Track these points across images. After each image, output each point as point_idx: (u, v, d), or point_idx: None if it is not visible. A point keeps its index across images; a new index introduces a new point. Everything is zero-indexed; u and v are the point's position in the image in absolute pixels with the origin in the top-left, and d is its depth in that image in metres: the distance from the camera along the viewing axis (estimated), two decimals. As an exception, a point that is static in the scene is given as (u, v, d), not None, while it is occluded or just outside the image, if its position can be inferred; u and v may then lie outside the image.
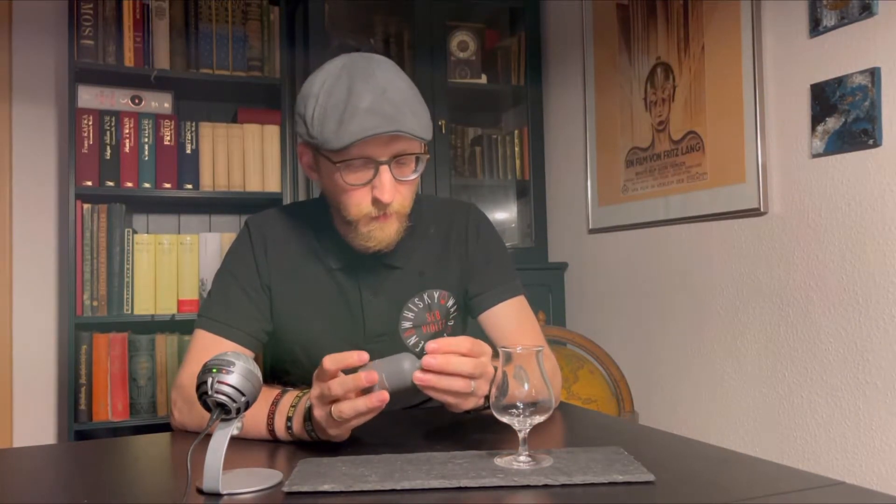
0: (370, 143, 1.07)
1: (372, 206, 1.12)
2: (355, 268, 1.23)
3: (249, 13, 2.43)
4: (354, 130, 1.05)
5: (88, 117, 2.22)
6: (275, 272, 1.23)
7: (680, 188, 2.05)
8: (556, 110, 2.66)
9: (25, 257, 2.40)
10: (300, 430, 0.97)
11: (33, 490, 0.87)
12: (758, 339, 1.82)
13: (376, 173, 1.09)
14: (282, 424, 0.99)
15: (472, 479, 0.77)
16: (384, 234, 1.15)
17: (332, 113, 1.07)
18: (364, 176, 1.10)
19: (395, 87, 1.10)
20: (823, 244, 1.66)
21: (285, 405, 1.00)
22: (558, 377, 1.28)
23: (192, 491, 0.78)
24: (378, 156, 1.09)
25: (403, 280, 1.24)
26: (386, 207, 1.12)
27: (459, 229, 1.30)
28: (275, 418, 1.00)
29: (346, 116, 1.06)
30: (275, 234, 1.26)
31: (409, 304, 1.23)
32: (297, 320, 1.24)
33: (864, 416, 1.57)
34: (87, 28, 2.24)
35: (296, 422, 0.98)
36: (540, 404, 0.84)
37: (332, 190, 1.15)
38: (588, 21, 2.44)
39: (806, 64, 1.69)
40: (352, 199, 1.12)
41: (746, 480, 0.80)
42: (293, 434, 0.99)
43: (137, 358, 2.24)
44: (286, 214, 1.29)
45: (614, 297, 2.34)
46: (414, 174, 1.14)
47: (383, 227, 1.14)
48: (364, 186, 1.11)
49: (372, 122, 1.05)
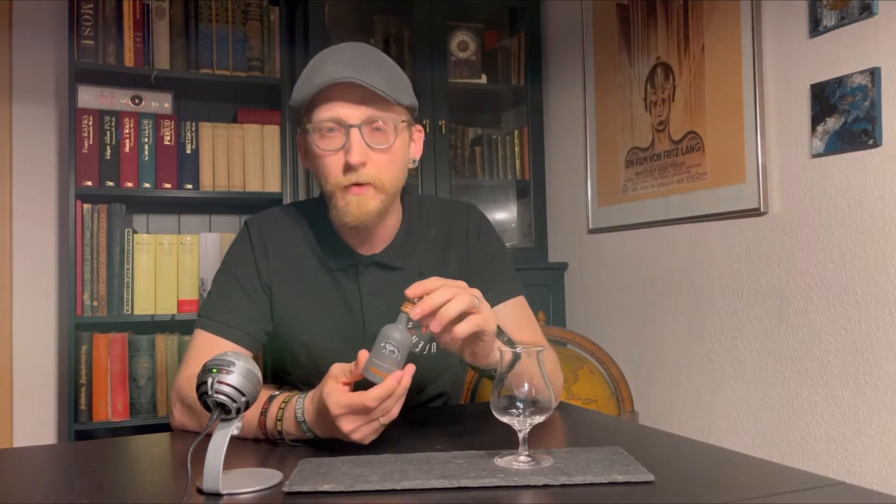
0: (339, 104, 1.09)
1: (345, 176, 1.11)
2: (355, 269, 1.22)
3: (249, 13, 2.43)
4: (318, 81, 1.08)
5: (88, 117, 2.22)
6: (275, 272, 1.23)
7: (680, 188, 2.05)
8: (556, 110, 2.66)
9: (25, 257, 2.40)
10: (296, 431, 0.98)
11: (33, 490, 0.87)
12: (758, 339, 1.82)
13: (347, 137, 1.09)
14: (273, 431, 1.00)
15: (472, 479, 0.77)
16: (361, 209, 1.12)
17: (305, 75, 1.13)
18: (336, 141, 1.10)
19: (366, 51, 1.14)
20: (823, 244, 1.66)
21: (273, 415, 1.00)
22: (559, 375, 1.28)
23: (192, 491, 0.78)
24: (348, 118, 1.09)
25: (403, 281, 1.23)
26: (358, 173, 1.10)
27: (460, 230, 1.29)
28: (266, 427, 1.00)
29: (314, 73, 1.11)
30: (275, 234, 1.26)
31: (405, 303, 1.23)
32: (298, 321, 1.23)
33: (864, 416, 1.57)
34: (87, 28, 2.24)
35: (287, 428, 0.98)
36: (540, 404, 0.84)
37: (313, 163, 1.16)
38: (588, 21, 2.44)
39: (806, 64, 1.69)
40: (327, 167, 1.12)
41: (746, 480, 0.80)
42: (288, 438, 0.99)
43: (137, 358, 2.24)
44: (286, 214, 1.29)
45: (614, 297, 2.34)
46: (388, 144, 1.12)
47: (360, 201, 1.12)
48: (337, 153, 1.11)
49: (336, 71, 1.07)
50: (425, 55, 2.52)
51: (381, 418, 0.91)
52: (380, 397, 0.88)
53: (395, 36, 2.64)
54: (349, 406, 0.89)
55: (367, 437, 0.92)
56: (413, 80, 2.54)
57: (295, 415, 0.97)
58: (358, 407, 0.89)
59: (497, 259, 1.30)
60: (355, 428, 0.91)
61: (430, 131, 2.51)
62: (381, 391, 0.88)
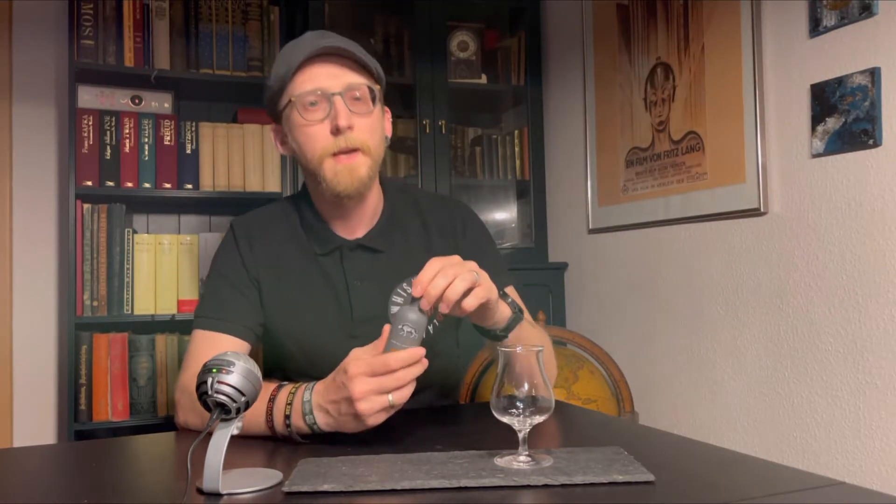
0: (319, 73, 1.16)
1: (332, 141, 1.15)
2: (339, 253, 1.25)
3: (249, 13, 2.43)
4: (299, 54, 1.15)
5: (88, 117, 2.22)
6: (262, 266, 1.26)
7: (680, 188, 2.05)
8: (556, 110, 2.66)
9: (25, 257, 2.40)
10: (300, 422, 0.98)
11: (33, 490, 0.87)
12: (758, 339, 1.82)
13: (331, 106, 1.15)
14: (280, 420, 1.00)
15: (472, 479, 0.77)
16: (353, 176, 1.16)
17: (281, 57, 1.19)
18: (321, 111, 1.16)
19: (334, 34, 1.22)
20: (823, 244, 1.66)
21: (282, 401, 1.00)
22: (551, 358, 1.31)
23: (192, 491, 0.78)
24: (329, 87, 1.15)
25: (388, 265, 1.26)
26: (346, 137, 1.15)
27: (448, 222, 1.33)
28: (273, 414, 1.01)
29: (290, 51, 1.18)
30: (259, 229, 1.29)
31: (397, 290, 1.25)
32: (286, 310, 1.25)
33: (864, 416, 1.57)
34: (87, 28, 2.24)
35: (294, 417, 0.98)
36: (540, 404, 0.85)
37: (298, 140, 1.20)
38: (588, 21, 2.44)
39: (806, 64, 1.69)
40: (312, 138, 1.17)
41: (746, 480, 0.80)
42: (292, 429, 0.99)
43: (137, 358, 2.24)
44: (268, 210, 1.34)
45: (614, 297, 2.34)
46: (369, 109, 1.18)
47: (350, 169, 1.16)
48: (322, 122, 1.16)
49: (314, 44, 1.16)
50: (425, 55, 2.52)
51: (391, 396, 0.91)
52: (403, 360, 0.91)
53: (395, 36, 2.64)
54: (370, 365, 0.91)
55: (373, 411, 0.92)
56: (413, 80, 2.57)
57: (303, 404, 0.98)
58: (378, 365, 0.91)
59: (489, 251, 1.34)
60: (366, 393, 0.91)
61: (430, 131, 2.51)
62: (405, 354, 0.91)
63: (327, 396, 0.96)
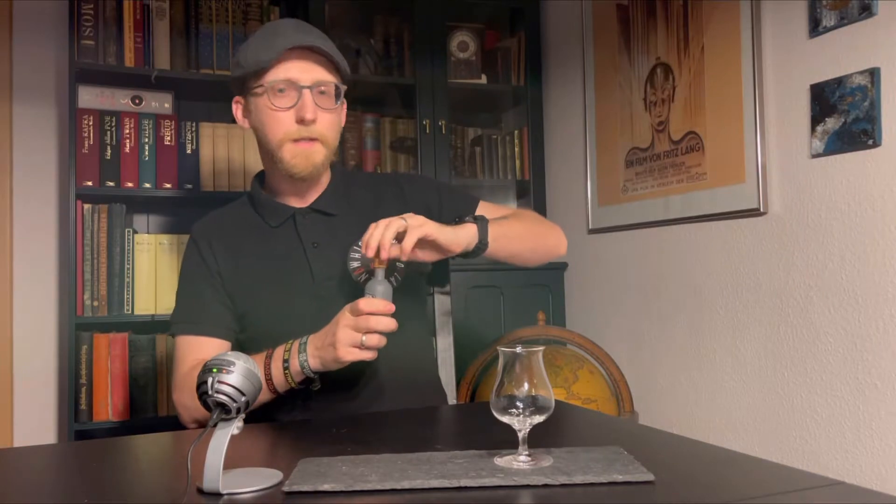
0: (293, 65, 1.25)
1: (296, 128, 1.26)
2: (294, 220, 1.34)
3: (249, 13, 2.43)
4: (280, 44, 1.24)
5: (89, 117, 2.22)
6: (221, 257, 1.34)
7: (680, 188, 2.05)
8: (556, 110, 2.66)
9: (26, 257, 2.40)
10: (296, 367, 1.15)
11: (33, 490, 0.87)
12: (758, 339, 1.82)
13: (299, 97, 1.26)
14: (279, 369, 1.16)
15: (472, 479, 0.77)
16: (309, 161, 1.28)
17: (259, 40, 1.28)
18: (289, 99, 1.26)
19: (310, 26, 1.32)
20: (823, 244, 1.66)
21: (279, 353, 1.17)
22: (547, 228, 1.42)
23: (192, 491, 0.78)
24: (300, 80, 1.26)
25: (341, 227, 1.35)
26: (309, 128, 1.26)
27: (389, 182, 1.45)
28: (272, 368, 1.15)
29: (270, 38, 1.26)
30: (214, 226, 1.39)
31: (354, 247, 1.31)
32: (251, 286, 1.32)
33: (864, 416, 1.57)
34: (87, 28, 2.24)
35: (292, 362, 1.15)
36: (540, 404, 0.85)
37: (261, 121, 1.30)
38: (588, 21, 2.44)
39: (806, 64, 1.69)
40: (278, 122, 1.27)
41: (746, 480, 0.80)
42: (290, 372, 1.15)
43: (138, 358, 2.24)
44: (223, 207, 1.46)
45: (614, 297, 2.34)
46: (333, 106, 1.29)
47: (308, 154, 1.28)
48: (289, 110, 1.26)
49: (294, 38, 1.25)
50: (425, 55, 2.52)
51: (363, 337, 1.09)
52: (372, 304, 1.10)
53: (395, 36, 2.64)
54: (351, 305, 1.12)
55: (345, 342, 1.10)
56: (413, 80, 2.57)
57: (299, 345, 1.15)
58: (353, 306, 1.11)
59: (441, 189, 1.46)
60: (345, 326, 1.11)
61: (430, 131, 2.51)
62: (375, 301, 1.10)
63: (320, 335, 1.15)
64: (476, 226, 1.22)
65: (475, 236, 1.21)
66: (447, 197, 1.43)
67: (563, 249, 1.42)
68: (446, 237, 1.16)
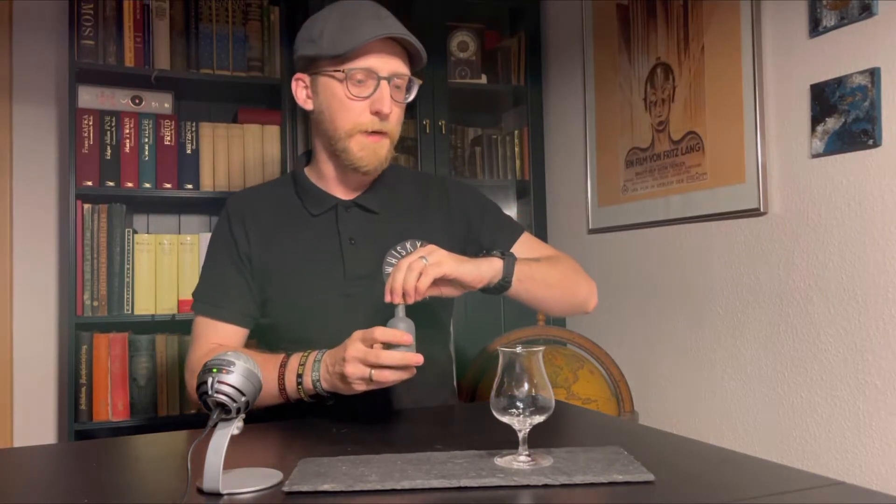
0: (374, 55, 1.19)
1: (370, 120, 1.21)
2: (335, 213, 1.30)
3: (249, 13, 2.43)
4: (365, 32, 1.18)
5: (89, 117, 2.22)
6: (253, 238, 1.30)
7: (680, 188, 2.05)
8: (556, 110, 2.66)
9: (26, 257, 2.40)
10: (308, 378, 1.09)
11: (33, 490, 0.87)
12: (758, 339, 1.82)
13: (377, 87, 1.20)
14: (293, 381, 1.09)
15: (472, 479, 0.77)
16: (376, 155, 1.23)
17: (338, 21, 1.20)
18: (366, 89, 1.20)
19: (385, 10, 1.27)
20: (823, 244, 1.66)
21: (294, 364, 1.11)
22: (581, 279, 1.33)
23: (193, 491, 0.78)
24: (379, 70, 1.20)
25: (381, 225, 1.31)
26: (385, 121, 1.21)
27: (437, 187, 1.39)
28: (285, 378, 1.10)
29: (355, 23, 1.19)
30: (252, 203, 1.34)
31: (391, 251, 1.27)
32: (280, 274, 1.28)
33: (864, 416, 1.57)
34: (87, 28, 2.24)
35: (305, 379, 1.09)
36: (540, 404, 0.85)
37: (331, 107, 1.23)
38: (588, 21, 2.44)
39: (806, 64, 1.69)
40: (351, 112, 1.21)
41: (746, 480, 0.80)
42: (303, 388, 1.09)
43: (138, 358, 2.24)
44: (265, 184, 1.40)
45: (614, 297, 2.34)
46: (403, 100, 1.26)
47: (376, 148, 1.23)
48: (364, 100, 1.21)
49: (380, 27, 1.19)
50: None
51: (372, 371, 0.99)
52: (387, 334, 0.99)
53: (395, 36, 2.64)
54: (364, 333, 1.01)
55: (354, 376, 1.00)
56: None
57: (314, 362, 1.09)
58: (368, 335, 1.01)
59: (490, 208, 1.40)
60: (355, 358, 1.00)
61: (430, 131, 2.51)
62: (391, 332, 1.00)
63: (332, 355, 1.07)
64: (503, 262, 1.15)
65: (499, 272, 1.15)
66: (491, 219, 1.38)
67: (591, 307, 1.34)
68: (467, 274, 1.10)
